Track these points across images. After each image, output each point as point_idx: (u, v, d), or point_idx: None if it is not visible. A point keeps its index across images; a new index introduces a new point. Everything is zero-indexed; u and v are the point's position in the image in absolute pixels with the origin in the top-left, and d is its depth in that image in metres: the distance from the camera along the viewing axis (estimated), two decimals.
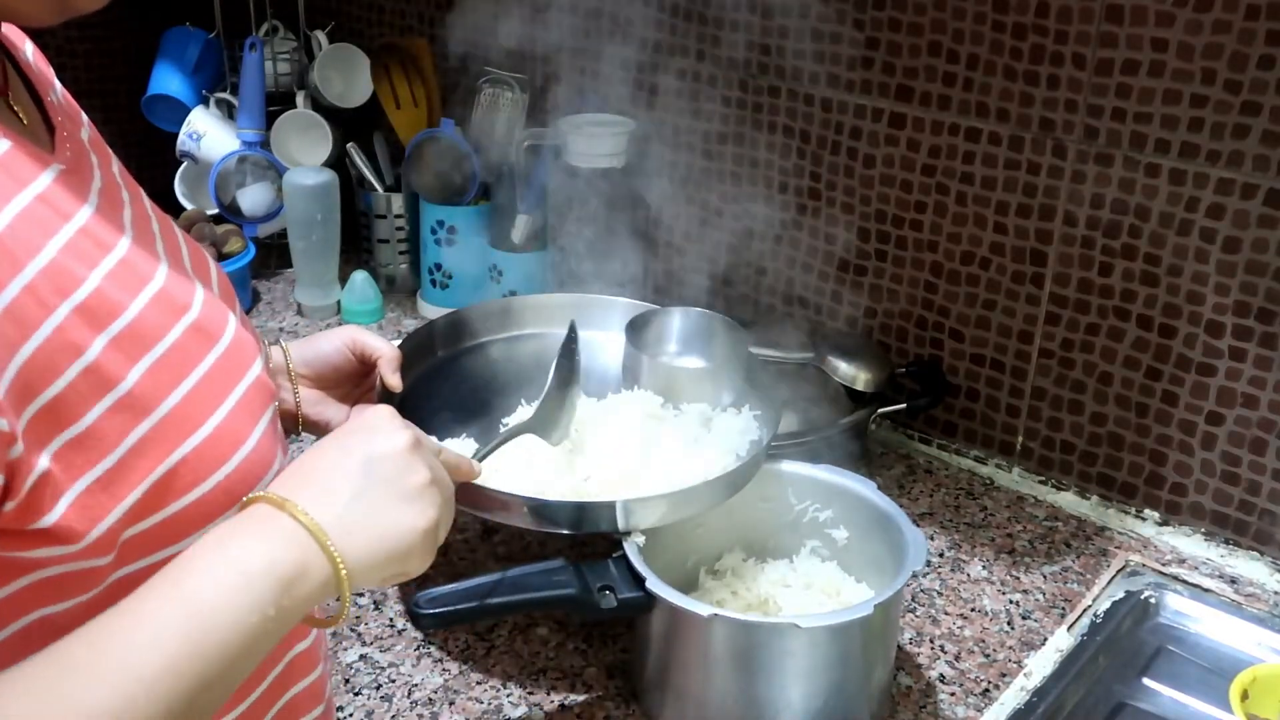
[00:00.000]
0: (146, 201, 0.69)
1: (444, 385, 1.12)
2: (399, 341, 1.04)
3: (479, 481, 0.85)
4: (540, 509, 0.89)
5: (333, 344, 0.98)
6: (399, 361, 0.99)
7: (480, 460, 0.79)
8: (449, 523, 0.66)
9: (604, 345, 1.18)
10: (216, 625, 0.52)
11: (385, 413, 0.66)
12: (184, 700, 0.50)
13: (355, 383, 1.01)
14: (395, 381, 0.98)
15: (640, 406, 1.05)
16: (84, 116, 0.69)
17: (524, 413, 1.09)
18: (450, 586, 0.84)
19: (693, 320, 1.12)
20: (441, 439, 1.03)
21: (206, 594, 0.52)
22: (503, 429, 1.06)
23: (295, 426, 0.97)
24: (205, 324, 0.62)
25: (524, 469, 0.98)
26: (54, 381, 0.50)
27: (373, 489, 0.60)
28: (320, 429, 0.99)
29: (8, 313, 0.48)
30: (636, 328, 1.09)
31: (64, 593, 0.54)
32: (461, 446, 1.02)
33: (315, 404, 0.98)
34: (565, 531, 0.98)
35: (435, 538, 0.63)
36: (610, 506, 0.89)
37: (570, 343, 0.98)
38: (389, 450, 0.62)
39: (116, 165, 0.68)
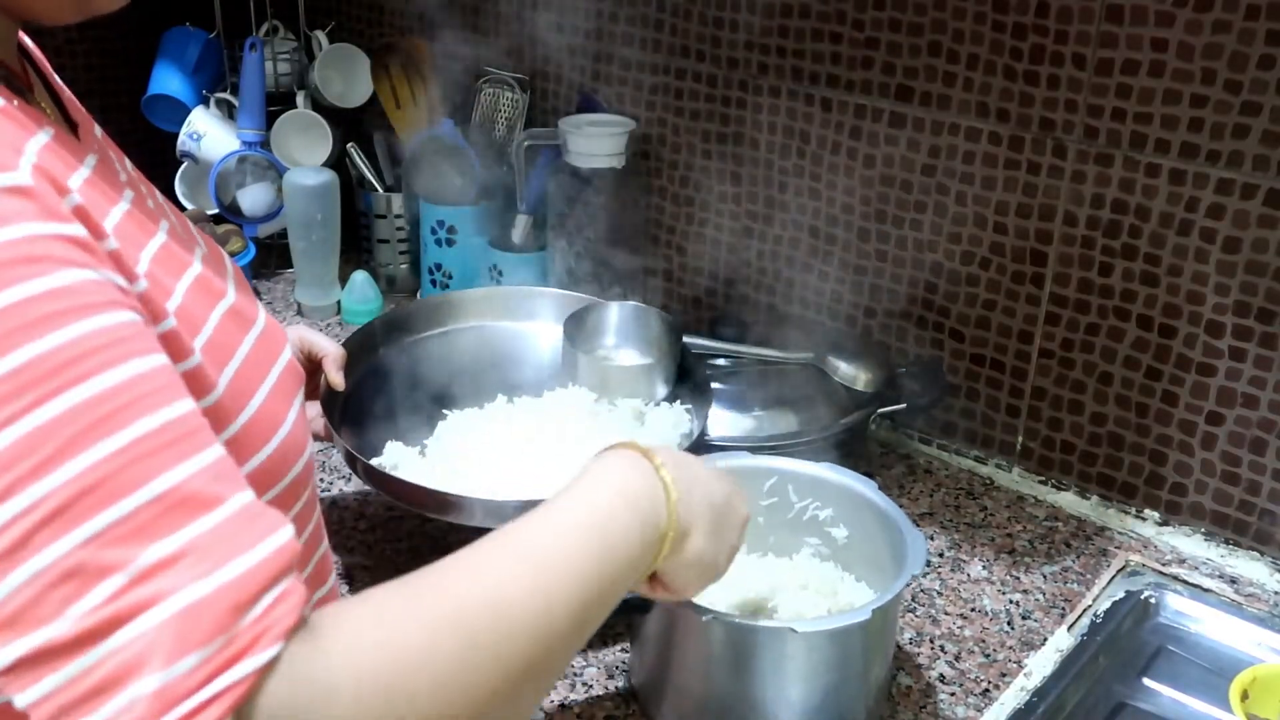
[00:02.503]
0: (160, 196, 0.70)
1: (386, 382, 1.16)
2: (344, 340, 1.06)
3: (426, 483, 0.94)
4: (484, 508, 0.93)
5: None
6: (344, 360, 1.03)
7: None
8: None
9: (539, 337, 1.22)
10: (613, 541, 0.60)
11: (739, 493, 0.76)
12: (587, 608, 0.57)
13: (307, 382, 1.04)
14: (338, 379, 1.01)
15: (575, 403, 1.08)
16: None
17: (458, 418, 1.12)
18: None
19: (629, 313, 1.17)
20: (384, 439, 1.08)
21: (602, 509, 0.61)
22: (444, 420, 1.11)
23: None
24: (241, 309, 0.63)
25: (464, 470, 1.02)
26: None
27: (721, 533, 0.72)
28: None
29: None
30: (574, 323, 1.13)
31: None
32: (400, 451, 1.06)
33: None
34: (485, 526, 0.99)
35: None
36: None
37: None
38: (736, 515, 0.75)
39: (128, 161, 0.69)
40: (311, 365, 1.02)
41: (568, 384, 1.13)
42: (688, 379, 1.12)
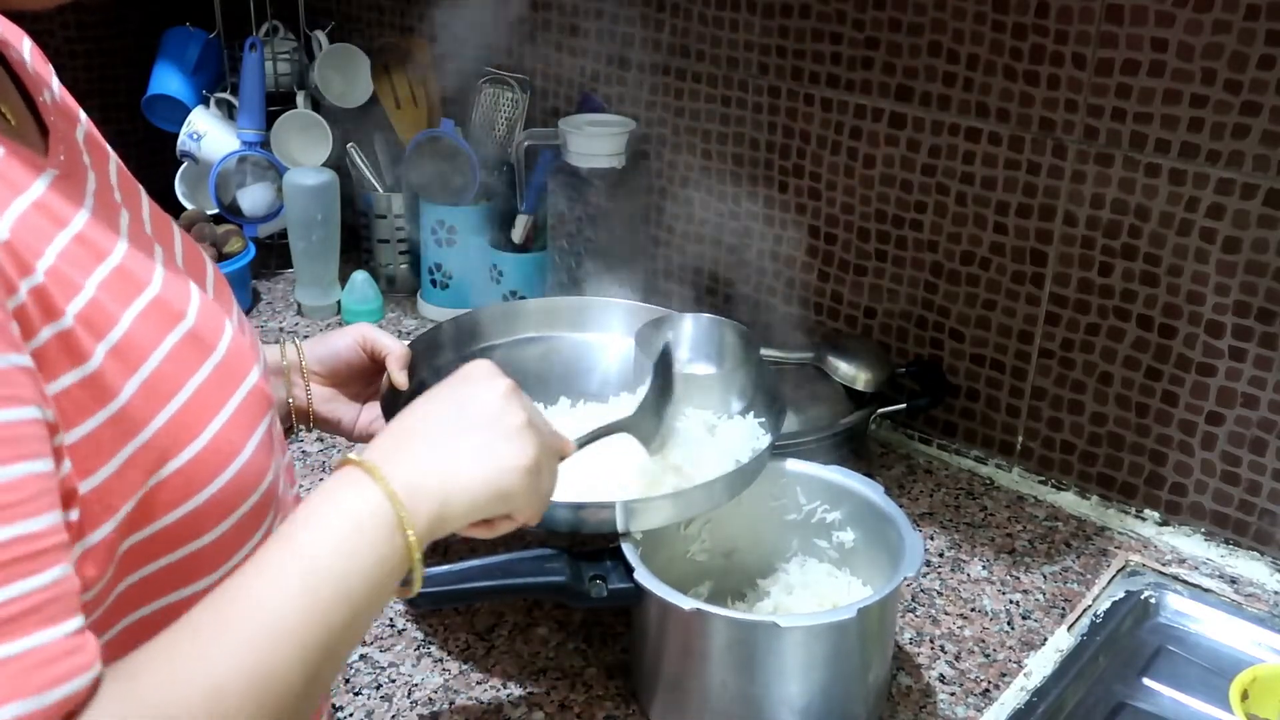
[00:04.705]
0: (143, 201, 0.67)
1: None
2: (410, 341, 1.04)
3: None
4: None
5: (346, 341, 0.99)
6: (408, 359, 1.00)
7: (579, 447, 0.80)
8: (553, 472, 0.69)
9: (606, 348, 1.19)
10: (335, 574, 0.55)
11: (483, 365, 0.70)
12: (317, 651, 0.53)
13: (368, 381, 1.02)
14: (401, 379, 0.99)
15: None
16: (81, 114, 0.68)
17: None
18: (443, 567, 0.85)
19: (703, 326, 1.11)
20: None
21: (322, 545, 0.55)
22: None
23: (308, 423, 0.97)
24: (201, 333, 0.61)
25: None
26: (54, 380, 0.49)
27: (470, 430, 0.64)
28: (332, 426, 1.00)
29: (18, 314, 0.48)
30: (647, 335, 1.09)
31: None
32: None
33: (328, 401, 0.99)
34: (562, 531, 0.98)
35: (539, 480, 0.66)
36: (608, 508, 0.89)
37: (666, 356, 0.98)
38: (485, 393, 0.67)
39: (114, 164, 0.66)
40: (377, 365, 1.00)
41: (635, 390, 1.08)
42: (762, 392, 1.07)
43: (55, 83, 0.67)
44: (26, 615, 0.44)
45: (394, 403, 1.01)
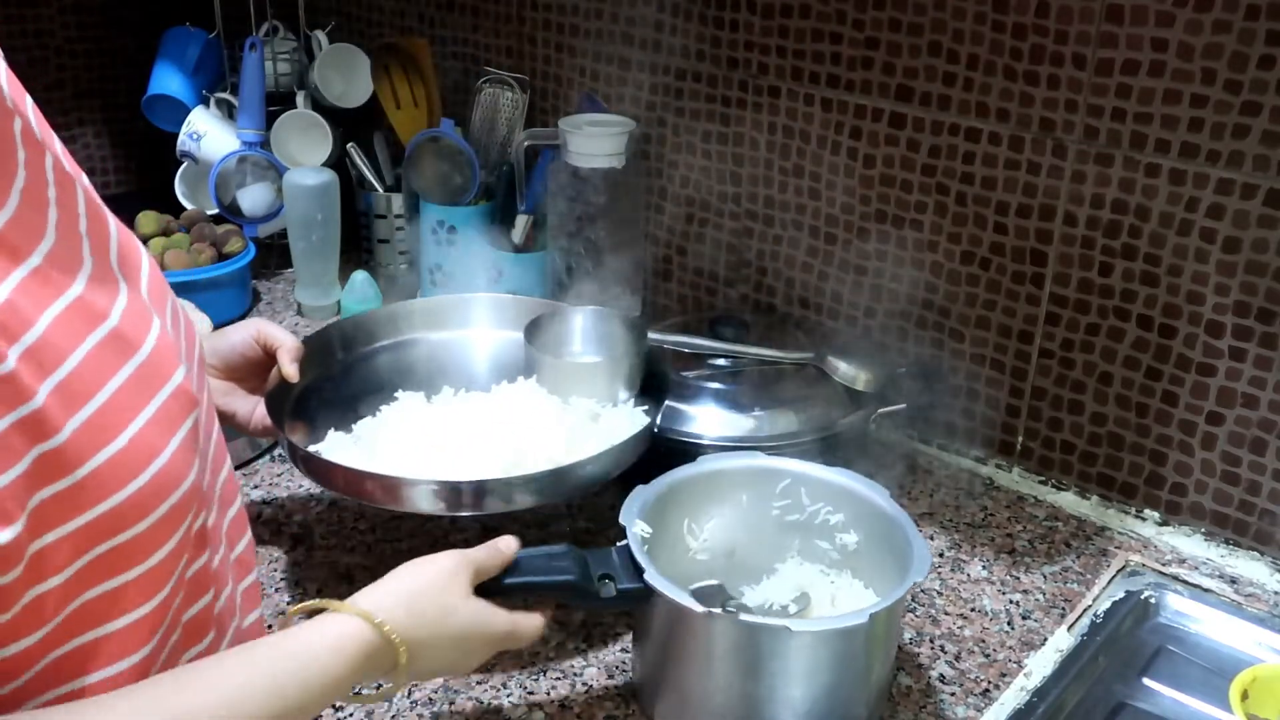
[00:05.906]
0: (80, 195, 0.65)
1: (339, 384, 1.16)
2: (301, 339, 1.06)
3: (349, 463, 0.94)
4: (397, 487, 0.93)
5: (241, 335, 1.01)
6: (299, 353, 1.02)
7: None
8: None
9: (488, 341, 1.24)
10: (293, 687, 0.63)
11: (487, 633, 0.80)
12: None
13: (263, 375, 1.03)
14: (291, 371, 1.00)
15: (524, 397, 1.07)
16: (25, 106, 0.64)
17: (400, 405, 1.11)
18: None
19: (591, 318, 1.16)
20: (326, 431, 1.05)
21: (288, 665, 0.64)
22: (388, 406, 1.09)
23: None
24: (125, 332, 0.59)
25: (397, 454, 1.01)
26: None
27: (459, 657, 0.79)
28: (227, 420, 1.01)
29: None
30: (535, 328, 1.13)
31: None
32: (338, 439, 1.04)
33: (224, 395, 1.00)
34: (426, 512, 0.97)
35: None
36: (479, 485, 0.92)
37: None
38: (481, 646, 0.80)
39: (51, 158, 0.63)
40: (270, 358, 1.01)
41: (517, 379, 1.11)
42: (650, 379, 1.11)
43: (2, 70, 0.63)
44: None
45: (282, 396, 1.03)
